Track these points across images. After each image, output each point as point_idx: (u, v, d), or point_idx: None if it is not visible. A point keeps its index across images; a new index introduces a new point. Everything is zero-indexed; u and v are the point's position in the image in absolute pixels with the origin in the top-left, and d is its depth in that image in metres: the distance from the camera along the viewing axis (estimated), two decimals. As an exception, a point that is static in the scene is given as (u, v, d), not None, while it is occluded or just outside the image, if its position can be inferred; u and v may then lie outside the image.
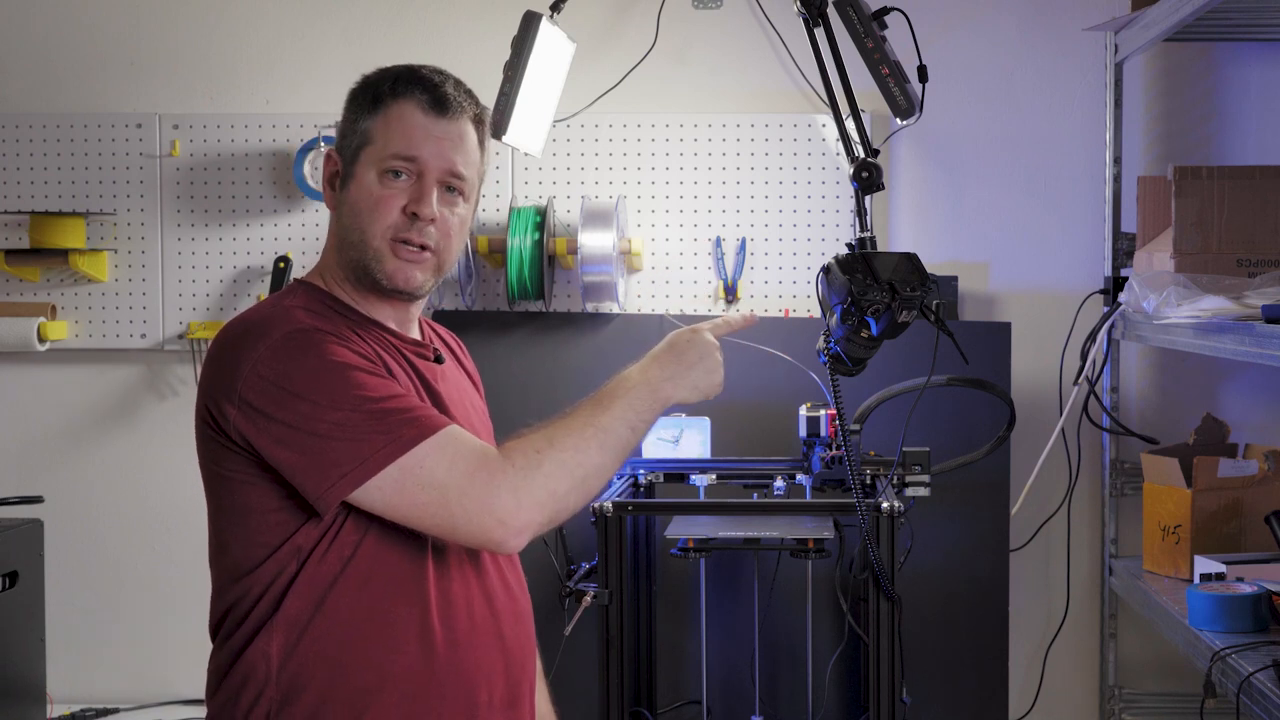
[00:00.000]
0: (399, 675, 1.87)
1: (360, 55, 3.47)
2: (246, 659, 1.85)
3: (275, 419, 1.78)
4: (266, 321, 1.85)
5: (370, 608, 1.86)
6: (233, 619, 1.87)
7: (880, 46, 2.81)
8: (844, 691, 3.16)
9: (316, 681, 1.85)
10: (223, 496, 1.87)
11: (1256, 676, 2.38)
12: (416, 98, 1.93)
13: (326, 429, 1.77)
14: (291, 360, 1.79)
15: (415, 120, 1.93)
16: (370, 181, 1.92)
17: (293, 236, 3.47)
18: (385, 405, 1.80)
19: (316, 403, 1.78)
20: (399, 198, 1.91)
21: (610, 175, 3.43)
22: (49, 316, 3.48)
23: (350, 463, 1.77)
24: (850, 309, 2.37)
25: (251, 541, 1.85)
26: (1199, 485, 2.98)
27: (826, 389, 2.92)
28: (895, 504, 2.60)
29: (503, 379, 3.35)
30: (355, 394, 1.79)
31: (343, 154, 1.96)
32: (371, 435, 1.78)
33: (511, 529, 1.80)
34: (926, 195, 3.43)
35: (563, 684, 3.10)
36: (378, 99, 1.94)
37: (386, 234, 1.91)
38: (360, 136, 1.94)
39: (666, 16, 3.40)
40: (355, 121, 1.96)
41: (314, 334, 1.83)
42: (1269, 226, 2.91)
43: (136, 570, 3.54)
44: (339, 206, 1.95)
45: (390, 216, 1.91)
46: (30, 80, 3.54)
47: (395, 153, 1.92)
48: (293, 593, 1.84)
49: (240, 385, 1.80)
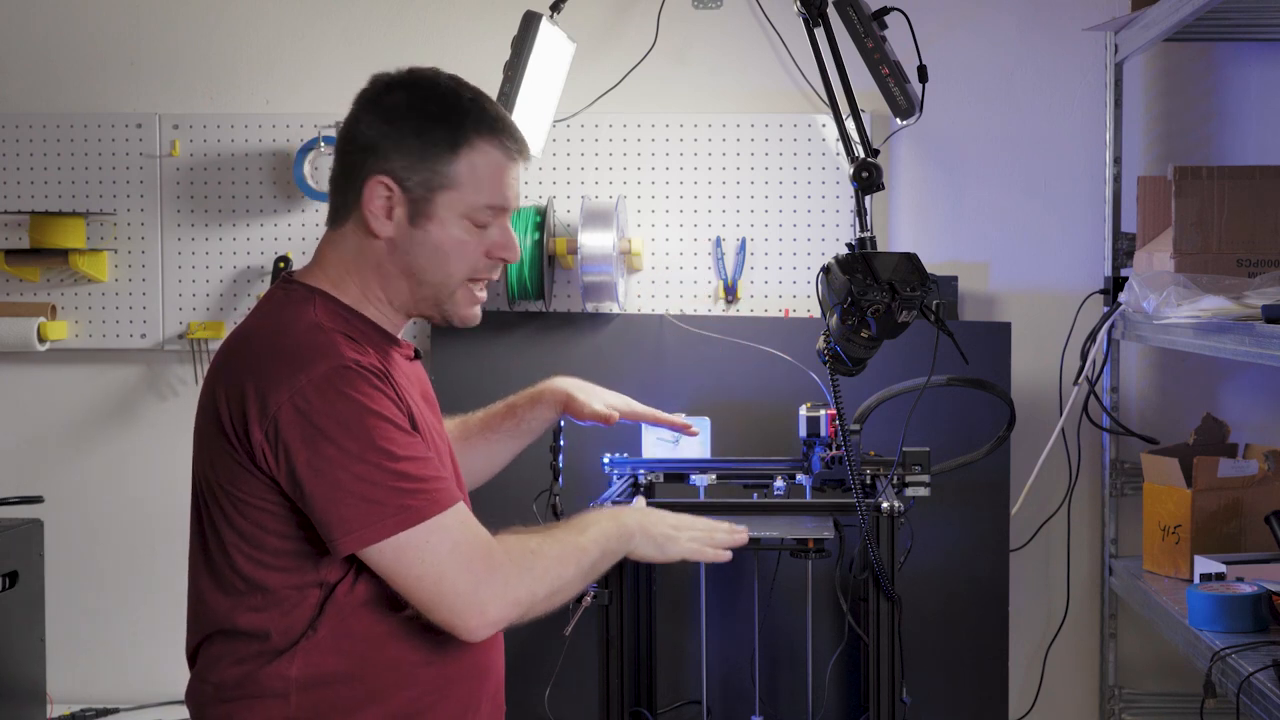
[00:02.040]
0: (421, 685, 1.89)
1: (360, 55, 3.48)
2: (259, 680, 1.85)
3: (301, 455, 1.78)
4: (308, 350, 1.82)
5: (394, 624, 1.87)
6: (245, 635, 1.86)
7: (880, 46, 2.82)
8: (844, 691, 3.16)
9: (336, 697, 1.86)
10: (233, 517, 1.85)
11: (1256, 676, 2.38)
12: (504, 145, 1.91)
13: (348, 480, 1.78)
14: (328, 401, 1.78)
15: (506, 169, 1.92)
16: (457, 228, 1.90)
17: (293, 236, 3.47)
18: (405, 467, 1.80)
19: (344, 449, 1.77)
20: (483, 242, 1.93)
21: (610, 175, 3.43)
22: (49, 316, 3.48)
23: (360, 524, 1.78)
24: (850, 309, 2.37)
25: (267, 564, 1.84)
26: (1199, 485, 2.98)
27: (826, 389, 2.92)
28: (895, 504, 2.60)
29: (502, 379, 3.34)
30: (381, 446, 1.79)
31: (408, 187, 1.89)
32: (387, 498, 1.78)
33: (486, 622, 1.84)
34: (926, 195, 3.43)
35: (563, 684, 3.10)
36: (456, 140, 1.89)
37: (468, 275, 1.93)
38: (440, 178, 1.89)
39: (666, 16, 3.40)
40: (429, 160, 1.89)
41: (355, 373, 1.81)
42: (1269, 226, 2.91)
43: (136, 570, 3.54)
44: (407, 242, 1.90)
45: (476, 261, 1.93)
46: (30, 80, 3.54)
47: (491, 205, 1.91)
48: (323, 620, 1.84)
49: (274, 412, 1.78)
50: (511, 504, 3.01)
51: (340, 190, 1.95)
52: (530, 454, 3.18)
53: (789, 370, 3.21)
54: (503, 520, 2.19)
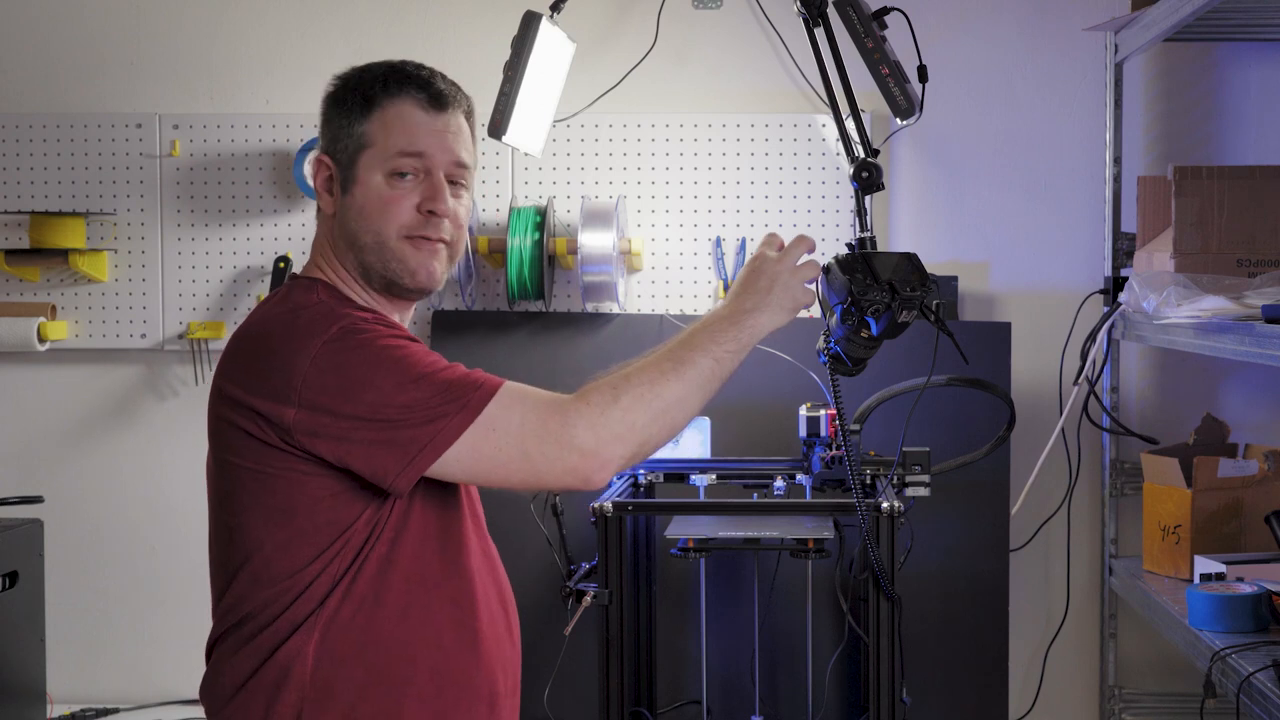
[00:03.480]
0: (434, 669, 1.89)
1: (360, 55, 3.45)
2: (277, 660, 1.85)
3: (342, 414, 1.80)
4: (314, 320, 1.85)
5: (408, 604, 1.88)
6: (259, 620, 1.86)
7: (880, 46, 2.81)
8: (844, 691, 3.16)
9: (354, 679, 1.86)
10: (263, 497, 1.85)
11: (1256, 676, 2.38)
12: (413, 95, 1.94)
13: (397, 413, 1.80)
14: (349, 353, 1.81)
15: (415, 118, 1.93)
16: (377, 184, 1.92)
17: (293, 236, 3.47)
18: (444, 376, 1.83)
19: (381, 389, 1.80)
20: (410, 196, 1.92)
21: (610, 175, 3.43)
22: (49, 316, 3.48)
23: (425, 438, 1.80)
24: (850, 309, 2.37)
25: (295, 542, 1.85)
26: (1199, 485, 2.98)
27: (826, 389, 2.92)
28: (895, 504, 2.60)
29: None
30: (416, 373, 1.81)
31: (337, 158, 1.95)
32: (441, 408, 1.80)
33: (595, 462, 1.83)
34: (926, 195, 3.43)
35: (563, 684, 3.10)
36: (369, 100, 1.94)
37: (402, 233, 1.92)
38: (357, 139, 1.93)
39: (666, 16, 3.40)
40: (347, 125, 1.94)
41: (364, 324, 1.85)
42: (1269, 226, 2.91)
43: (136, 570, 3.54)
44: (342, 211, 1.95)
45: (404, 216, 1.92)
46: (30, 80, 3.54)
47: (401, 150, 1.92)
48: (336, 593, 1.85)
49: (300, 384, 1.80)
50: (512, 504, 3.01)
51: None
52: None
53: (789, 370, 3.21)
54: (502, 521, 2.19)
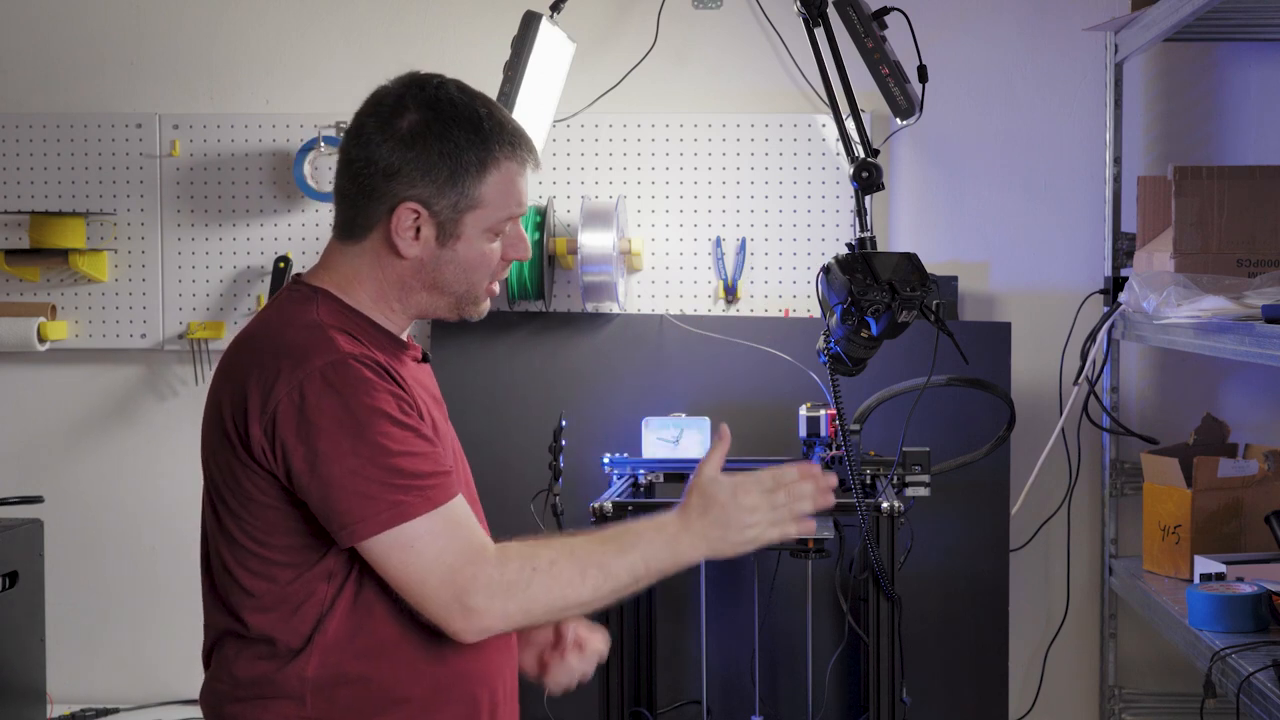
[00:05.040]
0: (433, 684, 1.89)
1: (360, 55, 3.48)
2: (276, 681, 1.85)
3: (297, 450, 1.79)
4: (305, 346, 1.83)
5: (405, 624, 1.87)
6: (253, 639, 1.86)
7: (880, 46, 2.82)
8: (844, 691, 3.16)
9: (352, 696, 1.86)
10: (241, 515, 1.86)
11: (1256, 676, 2.38)
12: (521, 159, 1.94)
13: (340, 474, 1.78)
14: (324, 395, 1.79)
15: (524, 183, 1.95)
16: (482, 242, 1.93)
17: (293, 236, 3.47)
18: (399, 463, 1.80)
19: (337, 444, 1.78)
20: (498, 249, 1.96)
21: (610, 175, 3.43)
22: (49, 316, 3.48)
23: (354, 518, 1.79)
24: (850, 309, 2.37)
25: (276, 563, 1.85)
26: (1199, 485, 2.98)
27: (826, 389, 2.92)
28: (895, 504, 2.60)
29: (503, 379, 3.35)
30: (375, 441, 1.79)
31: (436, 212, 1.89)
32: (379, 494, 1.79)
33: (475, 625, 1.82)
34: (926, 195, 3.43)
35: (563, 684, 3.10)
36: (485, 164, 1.90)
37: (490, 281, 1.96)
38: (468, 200, 1.90)
39: (666, 16, 3.40)
40: (458, 184, 1.89)
41: (351, 366, 1.82)
42: (1269, 226, 2.91)
43: (136, 570, 3.54)
44: (435, 262, 1.92)
45: (496, 268, 1.96)
46: (30, 80, 3.54)
47: (513, 216, 1.94)
48: (331, 616, 1.84)
49: (272, 408, 1.79)
50: (511, 504, 3.02)
51: (356, 207, 1.93)
52: (530, 454, 3.19)
53: (789, 370, 3.21)
54: (502, 520, 2.19)
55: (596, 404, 3.31)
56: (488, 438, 3.26)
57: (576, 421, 3.18)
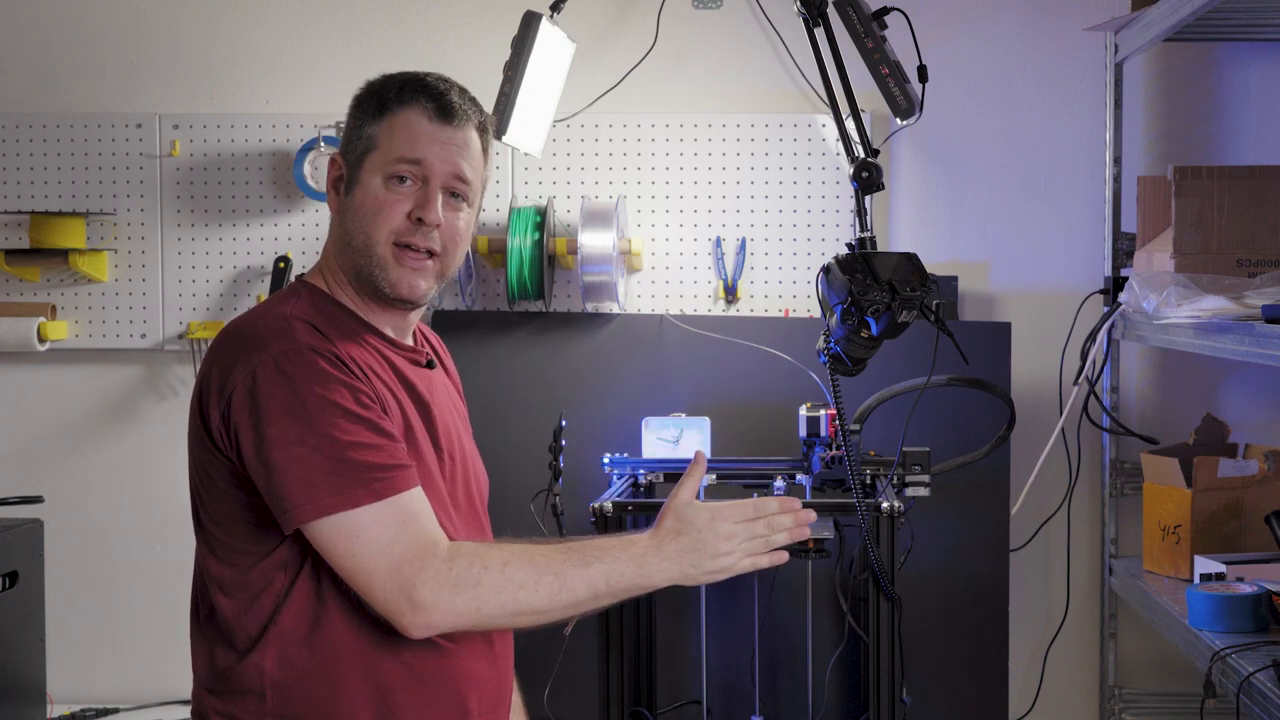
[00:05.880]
0: (394, 684, 1.88)
1: (360, 55, 3.48)
2: (238, 673, 1.87)
3: (248, 435, 1.81)
4: (266, 334, 1.85)
5: (363, 620, 1.86)
6: (220, 625, 1.88)
7: (880, 46, 2.82)
8: (844, 691, 3.16)
9: (311, 694, 1.86)
10: (209, 504, 1.89)
11: (1256, 676, 2.38)
12: (422, 105, 1.94)
13: (285, 461, 1.79)
14: (275, 382, 1.81)
15: (421, 126, 1.93)
16: (375, 186, 1.92)
17: (293, 236, 3.47)
18: (347, 454, 1.80)
19: (285, 430, 1.79)
20: (404, 202, 1.92)
21: (610, 175, 3.43)
22: (49, 316, 3.48)
23: (297, 503, 1.79)
24: (850, 309, 2.37)
25: (236, 549, 1.87)
26: (1199, 485, 2.98)
27: (826, 389, 2.92)
28: (895, 504, 2.60)
29: (503, 379, 3.35)
30: (322, 430, 1.80)
31: (347, 159, 1.97)
32: (320, 481, 1.79)
33: (421, 620, 1.80)
34: (926, 195, 3.43)
35: (563, 684, 3.10)
36: (383, 106, 1.95)
37: (390, 238, 1.92)
38: (365, 142, 1.95)
39: (666, 16, 3.40)
40: (360, 127, 1.96)
41: (306, 355, 1.83)
42: (1269, 226, 2.91)
43: (136, 570, 3.54)
44: (343, 211, 1.96)
45: (395, 221, 1.92)
46: (30, 80, 3.54)
47: (400, 156, 1.92)
48: (287, 607, 1.85)
49: (228, 393, 1.82)
50: (512, 504, 3.02)
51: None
52: (530, 454, 3.19)
53: (789, 370, 3.21)
54: (502, 520, 2.19)
55: (596, 404, 3.31)
56: (488, 438, 3.25)
57: (576, 421, 3.18)
